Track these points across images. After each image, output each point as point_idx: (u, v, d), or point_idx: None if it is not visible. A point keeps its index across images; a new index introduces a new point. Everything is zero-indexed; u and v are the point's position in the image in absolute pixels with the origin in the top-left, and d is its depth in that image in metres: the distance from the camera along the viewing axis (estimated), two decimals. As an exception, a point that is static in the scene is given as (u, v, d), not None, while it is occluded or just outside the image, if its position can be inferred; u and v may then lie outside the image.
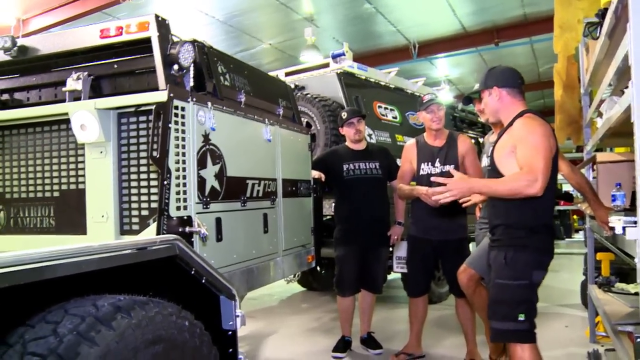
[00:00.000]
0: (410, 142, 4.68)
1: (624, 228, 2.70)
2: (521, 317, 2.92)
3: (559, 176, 3.50)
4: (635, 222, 2.53)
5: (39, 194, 3.53)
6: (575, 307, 6.41)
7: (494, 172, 3.14)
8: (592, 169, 5.11)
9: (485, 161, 4.17)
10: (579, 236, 15.30)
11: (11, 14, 9.44)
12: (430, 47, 13.19)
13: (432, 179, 3.62)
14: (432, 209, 4.21)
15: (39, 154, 3.52)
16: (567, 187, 11.99)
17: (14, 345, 1.73)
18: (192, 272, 2.38)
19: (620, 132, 3.46)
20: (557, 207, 13.48)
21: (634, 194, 3.07)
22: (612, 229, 2.96)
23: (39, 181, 3.53)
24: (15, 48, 3.39)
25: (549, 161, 2.87)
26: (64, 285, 1.88)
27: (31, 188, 3.55)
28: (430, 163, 4.41)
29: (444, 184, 3.03)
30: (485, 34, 12.57)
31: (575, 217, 16.22)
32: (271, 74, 5.40)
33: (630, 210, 2.99)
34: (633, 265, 2.54)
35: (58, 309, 1.86)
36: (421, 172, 4.43)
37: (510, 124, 3.08)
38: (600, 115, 4.06)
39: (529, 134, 2.93)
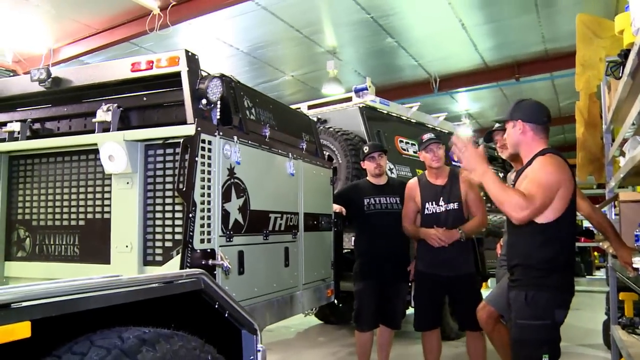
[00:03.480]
0: (412, 181, 4.70)
1: (648, 270, 2.68)
2: (545, 358, 2.88)
3: (580, 214, 3.48)
4: (660, 265, 2.51)
5: (65, 222, 3.59)
6: (598, 347, 6.29)
7: None
8: (614, 207, 5.07)
9: None
10: (600, 273, 15.07)
11: (43, 44, 9.70)
12: (451, 82, 13.24)
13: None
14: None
15: (67, 183, 3.59)
16: (587, 224, 11.85)
17: (42, 375, 1.75)
18: (216, 306, 2.40)
19: (644, 172, 3.45)
20: (578, 244, 13.32)
21: (658, 234, 3.04)
22: (636, 270, 2.93)
23: (65, 209, 3.59)
24: (50, 79, 3.48)
25: (546, 204, 2.85)
26: (90, 316, 1.90)
27: (57, 216, 3.61)
28: (434, 202, 4.42)
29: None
30: (506, 69, 12.61)
31: (596, 254, 15.99)
32: (294, 106, 5.48)
33: (654, 252, 2.96)
34: (658, 309, 2.51)
35: (84, 340, 1.88)
36: (426, 212, 4.44)
37: (530, 161, 3.07)
38: (622, 154, 4.05)
39: (541, 171, 2.92)
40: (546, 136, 3.15)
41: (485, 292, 4.59)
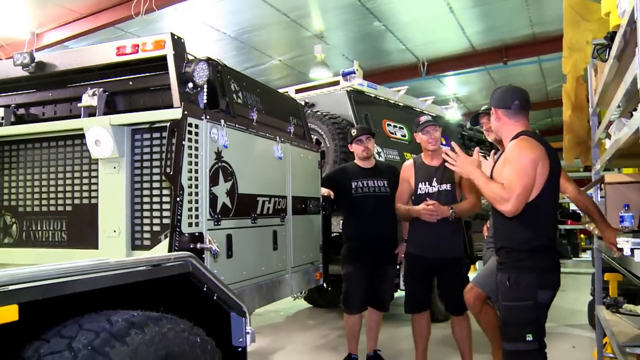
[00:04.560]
0: (408, 163, 4.71)
1: (632, 250, 2.70)
2: (529, 337, 2.95)
3: (565, 196, 3.54)
4: (643, 245, 2.54)
5: (52, 208, 3.57)
6: (583, 327, 6.38)
7: None
8: (600, 189, 5.11)
9: None
10: (586, 255, 15.21)
11: (26, 28, 9.56)
12: (439, 65, 13.23)
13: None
14: (430, 227, 4.29)
15: (53, 168, 3.57)
16: (574, 206, 11.95)
17: (30, 359, 1.76)
18: (204, 289, 2.41)
19: (629, 153, 3.48)
20: (565, 227, 13.44)
21: (642, 215, 3.08)
22: (621, 250, 2.97)
23: (52, 195, 3.57)
24: (33, 64, 3.45)
25: (528, 187, 2.93)
26: (78, 299, 1.91)
27: (44, 202, 3.59)
28: (427, 182, 4.44)
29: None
30: (494, 53, 12.62)
31: (582, 236, 16.13)
32: (282, 90, 5.46)
33: (638, 232, 2.99)
34: (641, 288, 2.55)
35: (73, 323, 1.89)
36: (419, 192, 4.46)
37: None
38: (608, 136, 4.08)
39: (513, 156, 3.01)
40: (521, 119, 3.20)
41: (473, 275, 4.63)
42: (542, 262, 3.05)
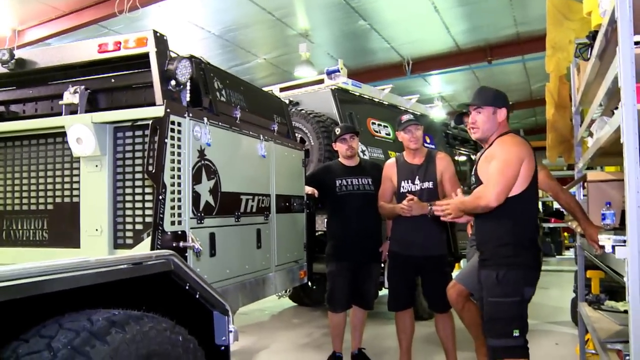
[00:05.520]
0: (390, 161, 4.73)
1: (613, 247, 2.73)
2: (516, 333, 3.02)
3: (548, 194, 3.60)
4: (624, 241, 2.56)
5: (33, 207, 3.53)
6: (566, 324, 6.43)
7: None
8: (582, 188, 5.15)
9: (472, 178, 4.21)
10: (569, 253, 15.34)
11: (6, 25, 9.45)
12: (424, 64, 13.28)
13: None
14: (413, 225, 4.30)
15: (34, 167, 3.53)
16: (557, 205, 12.03)
17: (8, 359, 1.73)
18: (187, 287, 2.39)
19: (611, 151, 3.50)
20: (548, 225, 13.53)
21: (623, 212, 3.11)
22: (602, 247, 3.00)
23: (32, 194, 3.53)
24: (13, 61, 3.41)
25: (511, 179, 3.03)
26: (59, 299, 1.88)
27: (25, 200, 3.55)
28: (410, 181, 4.46)
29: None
30: (479, 52, 12.70)
31: (566, 234, 16.28)
32: (266, 89, 5.45)
33: (619, 229, 3.02)
34: (622, 284, 2.57)
35: (52, 323, 1.86)
36: (402, 190, 4.47)
37: (492, 143, 3.23)
38: (591, 134, 4.11)
39: (501, 151, 3.12)
40: (506, 119, 3.35)
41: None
42: (529, 259, 3.12)
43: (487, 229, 3.21)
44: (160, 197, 2.87)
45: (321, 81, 6.72)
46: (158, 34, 3.15)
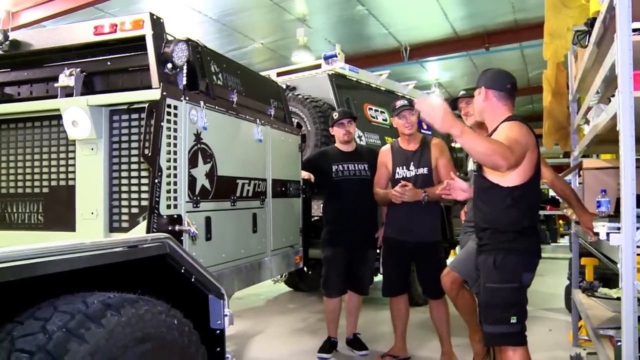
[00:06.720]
0: (385, 147, 4.74)
1: (607, 234, 2.75)
2: (513, 320, 2.93)
3: (543, 182, 3.57)
4: (619, 229, 2.58)
5: (28, 190, 3.52)
6: (559, 311, 6.47)
7: (480, 176, 3.15)
8: (578, 175, 5.17)
9: (471, 165, 4.19)
10: (564, 241, 15.42)
11: (0, 7, 9.35)
12: (422, 50, 13.22)
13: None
14: (407, 211, 4.32)
15: (29, 150, 3.51)
16: (553, 192, 12.06)
17: (2, 341, 1.72)
18: (182, 271, 2.39)
19: (607, 139, 3.51)
20: (544, 212, 13.58)
21: (618, 200, 3.12)
22: (597, 234, 3.01)
23: (28, 177, 3.52)
24: (7, 42, 3.38)
25: (520, 155, 2.83)
26: (54, 282, 1.88)
27: (20, 184, 3.54)
28: (405, 167, 4.47)
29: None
30: (476, 39, 12.64)
31: (561, 222, 16.34)
32: (263, 73, 5.42)
33: (614, 217, 3.04)
34: (616, 271, 2.58)
35: (47, 305, 1.86)
36: (397, 176, 4.48)
37: (496, 128, 3.09)
38: (587, 122, 4.11)
39: (512, 132, 2.91)
40: (509, 104, 3.18)
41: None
42: (528, 244, 3.04)
43: (487, 214, 3.12)
44: (156, 181, 2.87)
45: (318, 66, 6.69)
46: (154, 17, 3.12)
